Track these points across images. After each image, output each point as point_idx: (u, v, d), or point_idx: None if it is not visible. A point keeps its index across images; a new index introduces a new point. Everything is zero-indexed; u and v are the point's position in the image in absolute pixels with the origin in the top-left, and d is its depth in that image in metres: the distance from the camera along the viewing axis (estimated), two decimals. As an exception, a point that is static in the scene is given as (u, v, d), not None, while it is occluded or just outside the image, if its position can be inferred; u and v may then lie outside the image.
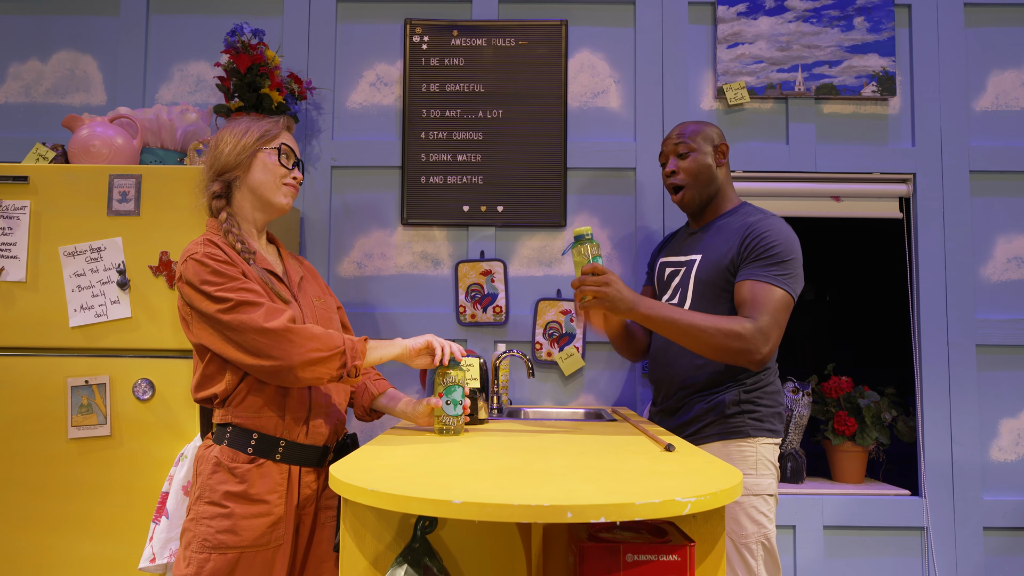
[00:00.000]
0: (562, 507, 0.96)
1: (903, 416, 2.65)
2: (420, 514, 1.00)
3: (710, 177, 1.99)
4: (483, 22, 2.67)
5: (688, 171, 1.99)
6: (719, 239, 1.93)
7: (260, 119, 1.71)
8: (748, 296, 1.78)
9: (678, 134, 2.02)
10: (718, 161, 2.00)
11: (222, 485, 1.52)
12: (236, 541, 1.49)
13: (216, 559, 1.48)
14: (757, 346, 1.70)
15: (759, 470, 1.84)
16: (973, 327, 2.55)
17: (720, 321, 1.72)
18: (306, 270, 1.83)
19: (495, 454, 1.37)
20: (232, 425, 1.56)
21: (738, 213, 1.98)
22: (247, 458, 1.53)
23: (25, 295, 2.03)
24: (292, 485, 1.57)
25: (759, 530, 1.80)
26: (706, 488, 1.07)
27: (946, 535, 2.47)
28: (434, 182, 2.63)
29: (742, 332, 1.70)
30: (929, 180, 2.61)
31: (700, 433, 1.90)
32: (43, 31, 2.72)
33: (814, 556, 2.46)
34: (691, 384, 1.92)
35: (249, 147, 1.66)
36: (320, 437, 1.63)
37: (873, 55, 2.62)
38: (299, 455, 1.59)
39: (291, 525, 1.57)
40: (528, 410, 2.42)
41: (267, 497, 1.53)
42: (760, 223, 1.87)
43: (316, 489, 1.63)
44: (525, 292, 2.62)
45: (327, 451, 1.65)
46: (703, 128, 2.01)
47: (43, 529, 1.99)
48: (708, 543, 1.23)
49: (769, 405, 1.89)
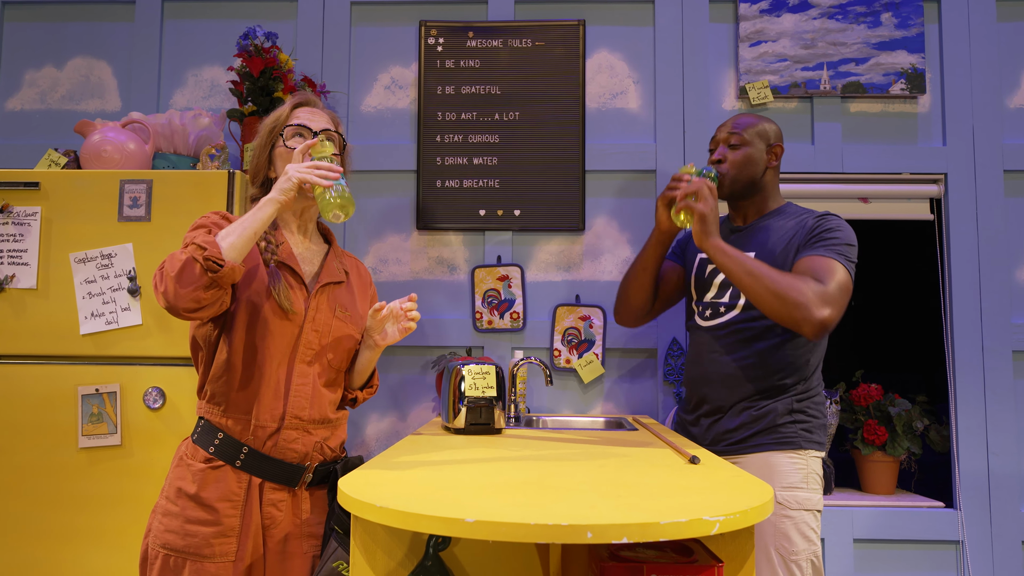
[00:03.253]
0: (582, 527, 0.90)
1: (935, 425, 2.56)
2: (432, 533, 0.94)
3: (754, 174, 1.93)
4: (499, 23, 2.62)
5: (735, 163, 1.93)
6: (773, 237, 1.87)
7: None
8: (810, 266, 1.72)
9: (734, 124, 1.97)
10: (769, 161, 1.94)
11: (179, 481, 1.44)
12: (182, 544, 1.40)
13: (163, 558, 1.40)
14: (818, 306, 1.63)
15: (810, 484, 1.76)
16: (1009, 332, 2.45)
17: (785, 274, 1.70)
18: (356, 279, 1.70)
19: (511, 466, 1.31)
20: (204, 420, 1.48)
21: (787, 213, 1.92)
22: (206, 457, 1.44)
23: (36, 302, 2.01)
24: (252, 499, 1.45)
25: (809, 547, 1.72)
26: (735, 505, 1.01)
27: (983, 549, 2.38)
28: (450, 186, 2.59)
29: (804, 289, 1.65)
30: (961, 180, 2.52)
31: (747, 442, 1.81)
32: (58, 38, 2.71)
33: (844, 571, 2.37)
34: (737, 388, 1.85)
35: (264, 145, 1.60)
36: (292, 453, 1.49)
37: (901, 52, 2.54)
38: (264, 468, 1.46)
39: (246, 543, 1.43)
40: (546, 419, 2.36)
41: (217, 504, 1.42)
42: (822, 218, 1.84)
43: (289, 512, 1.49)
44: (543, 298, 2.57)
45: (301, 471, 1.50)
46: (760, 123, 1.95)
47: (54, 541, 1.96)
48: (736, 562, 1.16)
49: (817, 416, 1.82)
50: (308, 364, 1.53)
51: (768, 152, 1.94)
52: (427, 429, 1.94)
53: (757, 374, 1.82)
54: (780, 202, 1.98)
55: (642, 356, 2.53)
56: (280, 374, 1.49)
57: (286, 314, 1.50)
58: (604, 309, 2.51)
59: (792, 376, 1.81)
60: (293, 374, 1.51)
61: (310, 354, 1.53)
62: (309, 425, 1.52)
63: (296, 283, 1.54)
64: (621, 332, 2.52)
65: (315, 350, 1.54)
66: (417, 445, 1.59)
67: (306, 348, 1.52)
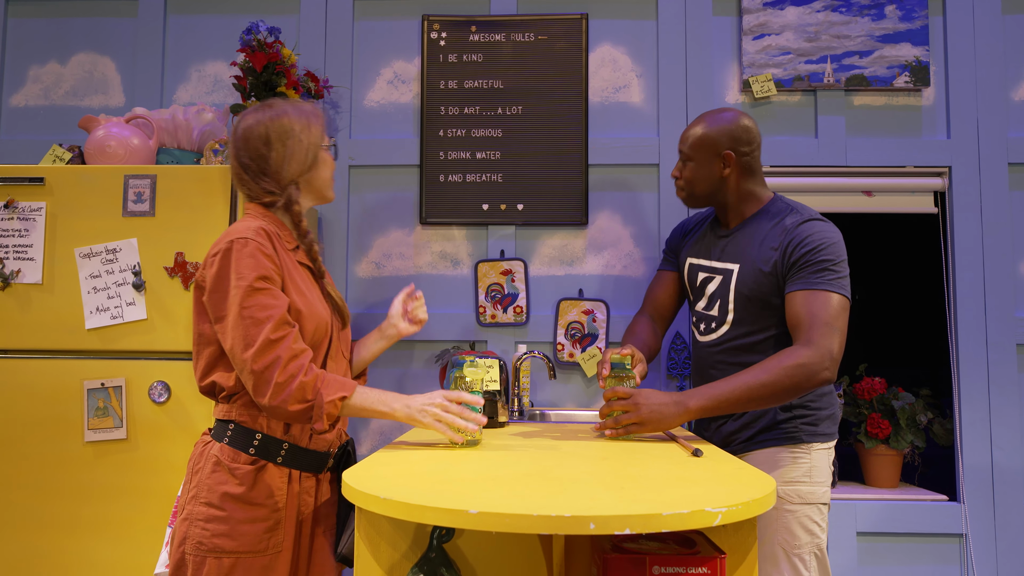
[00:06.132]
0: (584, 518, 0.90)
1: (939, 418, 2.56)
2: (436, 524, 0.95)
3: (711, 186, 1.87)
4: (502, 17, 2.62)
5: (687, 180, 1.89)
6: (754, 246, 1.81)
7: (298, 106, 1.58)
8: (801, 311, 1.67)
9: (683, 136, 1.91)
10: (722, 170, 1.85)
11: (221, 486, 1.44)
12: (233, 546, 1.41)
13: (211, 563, 1.40)
14: (823, 365, 1.61)
15: (813, 477, 1.75)
16: (1013, 325, 2.45)
17: (775, 363, 1.62)
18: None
19: (514, 459, 1.32)
20: (234, 423, 1.48)
21: (770, 212, 1.84)
22: (248, 459, 1.46)
23: (41, 297, 2.02)
24: (293, 490, 1.50)
25: (812, 540, 1.72)
26: (737, 497, 1.01)
27: (986, 542, 2.38)
28: (453, 180, 2.59)
29: (803, 361, 1.61)
30: (965, 173, 2.51)
31: (751, 440, 1.80)
32: (62, 34, 2.72)
33: (847, 563, 2.38)
34: None
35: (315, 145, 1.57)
36: (324, 442, 1.55)
37: (905, 44, 2.53)
38: (301, 460, 1.51)
39: (291, 531, 1.49)
40: (550, 412, 2.37)
41: (267, 502, 1.45)
42: (801, 228, 1.75)
43: (315, 496, 1.55)
44: (546, 292, 2.57)
45: (328, 457, 1.57)
46: (707, 132, 1.85)
47: (59, 532, 1.97)
48: (739, 554, 1.17)
49: (821, 408, 1.80)
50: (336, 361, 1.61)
51: (718, 160, 1.84)
52: (431, 423, 1.94)
53: None
54: (761, 202, 1.88)
55: (645, 350, 2.53)
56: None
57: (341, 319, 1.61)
58: (607, 303, 2.51)
59: None
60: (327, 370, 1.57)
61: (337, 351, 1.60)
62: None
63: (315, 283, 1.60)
64: (624, 326, 2.52)
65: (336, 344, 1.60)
66: (420, 438, 1.60)
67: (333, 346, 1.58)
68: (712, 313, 1.89)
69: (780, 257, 1.75)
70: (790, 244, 1.74)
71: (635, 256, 2.56)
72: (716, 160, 1.84)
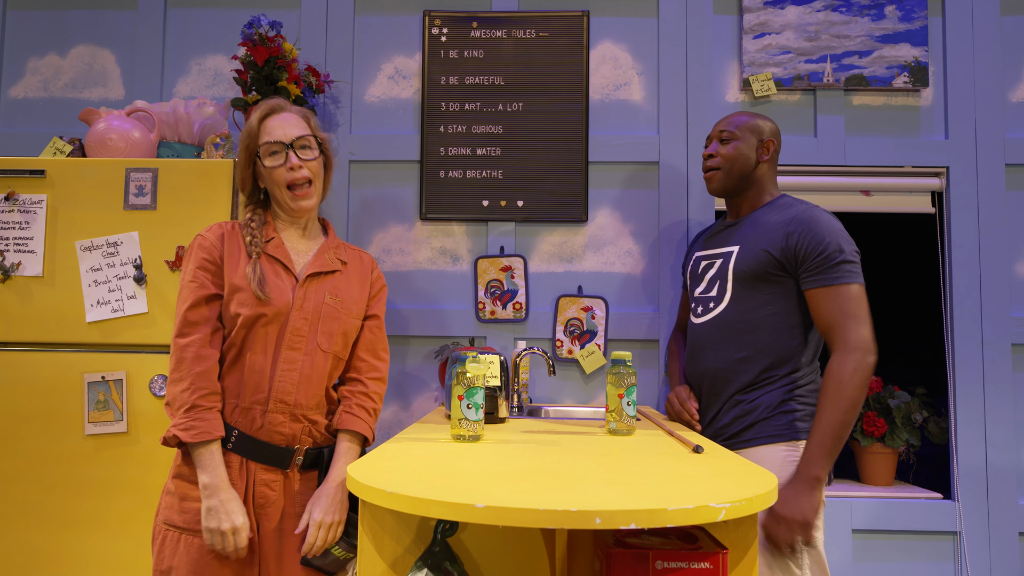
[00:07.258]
0: (590, 513, 0.91)
1: (934, 417, 2.57)
2: (441, 518, 0.96)
3: (746, 168, 1.94)
4: (503, 13, 2.62)
5: (726, 157, 1.95)
6: (758, 229, 1.88)
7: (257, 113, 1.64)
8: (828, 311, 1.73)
9: (727, 121, 1.99)
10: (760, 156, 1.94)
11: (177, 464, 1.54)
12: (180, 521, 1.50)
13: (167, 535, 1.50)
14: (868, 358, 1.68)
15: None
16: (1008, 325, 2.47)
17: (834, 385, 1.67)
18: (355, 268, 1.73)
19: (517, 455, 1.32)
20: None
21: (776, 205, 1.91)
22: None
23: (42, 290, 2.02)
24: (242, 478, 1.52)
25: None
26: (740, 493, 1.02)
27: (980, 540, 2.40)
28: (453, 176, 2.59)
29: (853, 367, 1.66)
30: (963, 174, 2.52)
31: (739, 436, 1.82)
32: (61, 26, 2.71)
33: (843, 560, 2.40)
34: (728, 383, 1.86)
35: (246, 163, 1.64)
36: (279, 436, 1.55)
37: (905, 45, 2.54)
38: (254, 450, 1.54)
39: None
40: (549, 409, 2.37)
41: None
42: (803, 216, 1.80)
43: (282, 492, 1.56)
44: (545, 288, 2.57)
45: (291, 453, 1.57)
46: (753, 120, 1.96)
47: (59, 527, 1.97)
48: (740, 549, 1.18)
49: (814, 403, 1.82)
50: (295, 350, 1.57)
51: (760, 147, 1.94)
52: (431, 418, 1.95)
53: (747, 367, 1.83)
54: (772, 196, 1.96)
55: (644, 347, 2.54)
56: (266, 360, 1.55)
57: (265, 302, 1.54)
58: (606, 300, 2.52)
59: (783, 367, 1.81)
60: (279, 360, 1.56)
61: (298, 341, 1.58)
62: (296, 410, 1.57)
63: (285, 274, 1.60)
64: (623, 323, 2.53)
65: (304, 336, 1.58)
66: (422, 433, 1.60)
67: (293, 335, 1.57)
68: (711, 294, 1.94)
69: (783, 240, 1.80)
70: (794, 235, 1.79)
71: (634, 253, 2.57)
72: (759, 145, 1.94)
